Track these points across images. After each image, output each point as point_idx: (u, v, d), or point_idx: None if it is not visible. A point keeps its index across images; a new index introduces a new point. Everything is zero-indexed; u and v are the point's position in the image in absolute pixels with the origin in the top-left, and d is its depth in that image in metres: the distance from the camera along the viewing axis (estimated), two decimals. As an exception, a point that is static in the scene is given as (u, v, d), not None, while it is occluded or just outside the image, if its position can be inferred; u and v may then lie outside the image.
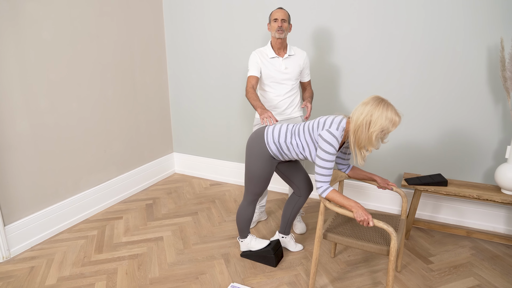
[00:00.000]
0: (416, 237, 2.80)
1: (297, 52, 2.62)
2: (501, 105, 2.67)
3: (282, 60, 2.56)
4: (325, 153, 1.93)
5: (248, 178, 2.29)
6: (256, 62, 2.56)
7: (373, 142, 1.87)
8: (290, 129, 2.15)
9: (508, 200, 2.47)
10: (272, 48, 2.57)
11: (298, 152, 2.13)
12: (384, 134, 1.87)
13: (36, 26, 2.54)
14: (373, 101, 1.87)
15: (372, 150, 1.96)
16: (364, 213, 1.86)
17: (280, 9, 2.51)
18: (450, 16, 2.66)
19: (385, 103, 1.86)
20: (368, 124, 1.85)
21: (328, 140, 1.92)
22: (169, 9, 3.64)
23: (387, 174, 3.15)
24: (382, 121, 1.83)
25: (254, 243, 2.48)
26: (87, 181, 3.09)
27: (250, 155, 2.24)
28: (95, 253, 2.60)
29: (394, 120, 1.84)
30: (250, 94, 2.46)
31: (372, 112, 1.84)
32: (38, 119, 2.63)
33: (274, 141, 2.16)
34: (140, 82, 3.50)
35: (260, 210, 2.99)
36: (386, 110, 1.84)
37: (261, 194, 2.35)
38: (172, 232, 2.89)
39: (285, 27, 2.48)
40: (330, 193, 1.95)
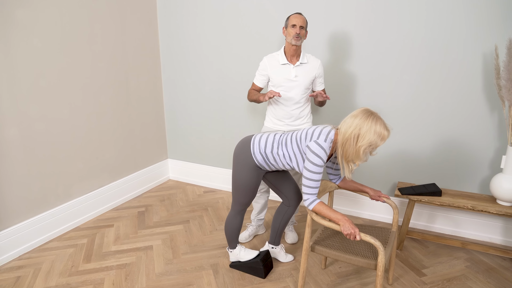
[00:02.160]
0: (410, 248, 2.75)
1: (310, 60, 2.53)
2: (497, 114, 2.62)
3: (293, 68, 2.48)
4: (313, 165, 1.89)
5: (234, 187, 2.25)
6: (264, 70, 2.54)
7: (361, 156, 1.83)
8: (277, 139, 2.11)
9: (504, 211, 2.42)
10: (285, 54, 2.50)
11: (285, 162, 2.09)
12: (372, 148, 1.83)
13: (26, 33, 2.53)
14: (362, 114, 1.83)
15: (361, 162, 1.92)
16: (351, 226, 1.81)
17: (298, 14, 2.42)
18: (446, 23, 2.62)
19: (374, 116, 1.82)
20: (356, 137, 1.81)
21: (316, 151, 1.88)
22: (163, 15, 3.63)
23: (381, 183, 3.10)
24: (371, 136, 1.79)
25: (243, 253, 2.44)
26: (79, 188, 3.06)
27: (236, 164, 2.20)
28: (83, 262, 2.57)
29: (383, 134, 1.80)
30: (250, 94, 2.59)
31: (361, 125, 1.80)
32: (27, 126, 2.61)
33: (260, 151, 2.13)
34: (134, 88, 3.48)
35: (258, 224, 2.88)
36: (375, 124, 1.80)
37: (248, 204, 2.31)
38: (162, 241, 2.85)
39: (302, 34, 2.41)
40: (317, 205, 1.91)
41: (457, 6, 2.56)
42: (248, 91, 2.66)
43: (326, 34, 2.99)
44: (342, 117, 3.07)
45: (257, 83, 2.63)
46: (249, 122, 3.49)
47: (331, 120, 3.13)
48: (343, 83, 3.03)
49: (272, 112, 2.62)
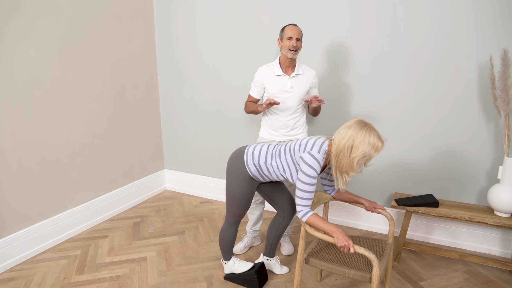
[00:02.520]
0: (407, 260, 2.71)
1: (305, 71, 2.52)
2: (493, 124, 2.60)
3: (289, 79, 2.47)
4: (307, 176, 1.87)
5: (228, 199, 2.23)
6: (260, 82, 2.53)
7: (354, 167, 1.81)
8: (271, 150, 2.10)
9: (501, 222, 2.39)
10: (280, 65, 2.49)
11: (279, 173, 2.07)
12: (366, 159, 1.82)
13: (22, 43, 2.53)
14: (356, 125, 1.82)
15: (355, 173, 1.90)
16: (345, 238, 1.79)
17: (294, 26, 2.40)
18: (442, 34, 2.62)
19: (368, 127, 1.81)
20: (350, 148, 1.79)
21: (309, 163, 1.86)
22: (160, 25, 3.65)
23: (378, 194, 3.07)
24: (364, 147, 1.77)
25: (238, 265, 2.41)
26: (73, 199, 3.04)
27: (230, 176, 2.18)
28: (76, 274, 2.54)
29: (377, 145, 1.79)
30: (247, 106, 2.59)
31: (355, 136, 1.79)
32: (22, 136, 2.60)
33: (253, 162, 2.11)
34: (131, 98, 3.48)
35: (253, 235, 2.84)
36: (369, 135, 1.78)
37: (242, 215, 2.28)
38: (157, 252, 2.82)
39: (299, 46, 2.40)
40: (311, 217, 1.89)
41: (452, 17, 2.57)
42: (245, 103, 2.64)
43: (322, 45, 3.00)
44: (338, 128, 3.06)
45: (253, 94, 2.62)
46: (246, 133, 3.48)
47: (326, 131, 3.12)
48: (338, 94, 3.03)
49: (267, 122, 2.61)
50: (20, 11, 2.50)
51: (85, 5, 2.93)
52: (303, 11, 3.00)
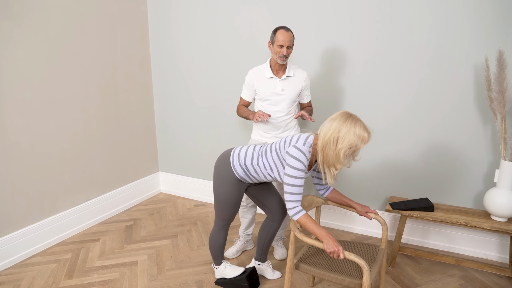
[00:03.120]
0: (403, 265, 2.66)
1: (296, 73, 2.48)
2: (490, 126, 2.55)
3: (279, 81, 2.44)
4: (293, 169, 1.83)
5: (216, 202, 2.19)
6: (251, 85, 2.51)
7: (341, 159, 1.78)
8: (257, 150, 2.07)
9: (498, 227, 2.34)
10: (270, 67, 2.46)
11: (266, 173, 2.03)
12: (353, 151, 1.78)
13: (11, 45, 2.50)
14: (340, 117, 1.79)
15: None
16: (335, 244, 1.74)
17: (286, 31, 2.31)
18: (437, 36, 2.58)
19: (353, 118, 1.78)
20: (335, 140, 1.76)
21: (295, 155, 1.82)
22: (155, 27, 3.61)
23: (373, 197, 3.02)
24: (350, 137, 1.74)
25: (229, 270, 2.37)
26: (65, 202, 3.00)
27: (217, 179, 2.14)
28: (65, 278, 2.50)
29: (363, 136, 1.75)
30: (239, 110, 2.57)
31: (340, 128, 1.76)
32: (11, 138, 2.57)
33: (240, 164, 2.07)
34: (124, 100, 3.45)
35: (246, 239, 2.80)
36: (354, 126, 1.75)
37: (231, 219, 2.24)
38: (148, 256, 2.78)
39: (289, 53, 2.36)
40: (303, 217, 1.84)
41: (447, 19, 2.52)
42: (237, 106, 2.62)
43: (317, 48, 2.96)
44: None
45: (245, 97, 2.60)
46: (239, 136, 3.44)
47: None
48: (333, 96, 2.99)
49: (259, 125, 2.58)
50: (9, 12, 2.47)
51: (77, 6, 2.90)
52: (296, 17, 2.96)
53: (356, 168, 3.03)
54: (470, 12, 2.46)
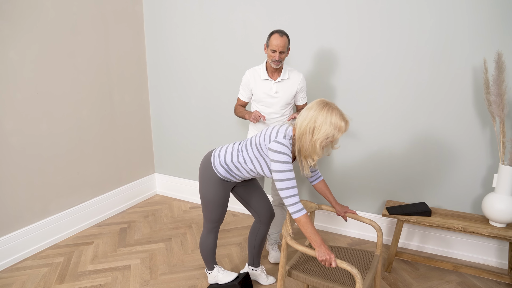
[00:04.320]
0: (399, 270, 2.61)
1: (292, 75, 2.46)
2: (489, 130, 2.50)
3: (274, 84, 2.43)
4: (280, 164, 1.77)
5: (204, 205, 2.16)
6: (247, 85, 2.51)
7: (318, 150, 1.74)
8: (236, 147, 2.03)
9: (496, 233, 2.29)
10: (266, 69, 2.45)
11: (248, 169, 1.99)
12: (330, 141, 1.74)
13: (2, 46, 2.47)
14: (316, 106, 1.74)
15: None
16: (327, 252, 1.70)
17: (280, 36, 2.29)
18: (435, 38, 2.53)
19: (330, 107, 1.72)
20: (311, 131, 1.72)
21: (278, 149, 1.77)
22: (150, 26, 3.57)
23: (369, 201, 2.98)
24: (327, 127, 1.69)
25: (222, 276, 2.33)
26: (57, 204, 2.97)
27: (201, 181, 2.12)
28: (56, 283, 2.46)
29: (340, 125, 1.70)
30: (236, 110, 2.59)
31: (316, 117, 1.71)
32: (2, 140, 2.53)
33: (221, 163, 2.04)
34: (119, 101, 3.41)
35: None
36: (331, 115, 1.70)
37: (220, 221, 2.21)
38: (141, 260, 2.74)
39: (283, 58, 2.34)
40: (303, 217, 1.76)
41: (445, 20, 2.47)
42: (235, 106, 2.62)
43: (314, 48, 2.91)
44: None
45: (242, 97, 2.59)
46: (236, 137, 3.40)
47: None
48: (330, 98, 2.94)
49: (254, 125, 2.59)
50: (0, 13, 2.43)
51: (69, 6, 2.86)
52: (293, 18, 2.91)
53: (353, 171, 2.98)
54: (468, 13, 2.40)
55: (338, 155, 3.00)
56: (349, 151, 2.96)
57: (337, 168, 3.03)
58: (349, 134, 2.93)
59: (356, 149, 2.93)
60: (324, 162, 3.06)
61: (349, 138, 2.93)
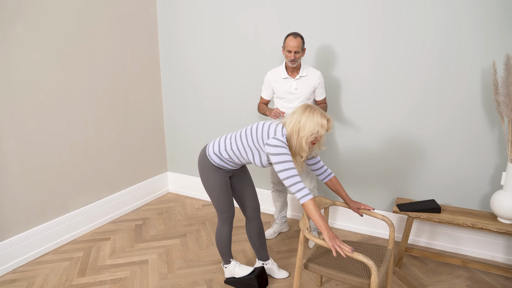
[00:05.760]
0: (409, 265, 2.69)
1: (309, 72, 2.67)
2: (497, 129, 2.57)
3: (293, 81, 2.65)
4: (280, 155, 1.93)
5: (209, 196, 2.29)
6: (268, 85, 2.74)
7: (304, 146, 1.93)
8: (229, 137, 2.19)
9: (504, 229, 2.36)
10: (286, 69, 2.68)
11: (240, 156, 2.14)
12: (315, 137, 1.93)
13: (26, 47, 2.56)
14: (299, 109, 1.96)
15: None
16: (333, 235, 1.84)
17: (294, 37, 2.50)
18: (444, 39, 2.60)
19: (311, 108, 1.93)
20: (297, 131, 1.93)
21: (276, 144, 1.95)
22: (164, 28, 3.66)
23: (380, 199, 3.05)
24: (310, 125, 1.90)
25: (238, 269, 2.41)
26: (76, 201, 3.06)
27: (201, 172, 2.26)
28: (78, 276, 2.55)
29: (322, 123, 1.90)
30: (259, 107, 2.83)
31: (299, 118, 1.92)
32: (25, 139, 2.63)
33: (214, 152, 2.19)
34: (133, 101, 3.50)
35: (281, 221, 3.10)
36: (313, 115, 1.91)
37: (230, 211, 2.31)
38: (158, 255, 2.83)
39: (297, 57, 2.54)
40: (310, 201, 1.90)
41: (454, 22, 2.54)
42: (258, 104, 2.87)
43: (321, 50, 2.99)
44: (341, 130, 3.05)
45: (264, 96, 2.83)
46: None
47: (352, 132, 3.11)
48: (337, 99, 3.01)
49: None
50: (24, 15, 2.53)
51: (88, 9, 2.96)
52: (301, 19, 2.99)
53: (364, 170, 3.06)
54: (477, 15, 2.47)
55: (349, 154, 3.08)
56: (360, 150, 3.04)
57: (348, 166, 3.11)
58: (361, 133, 3.00)
59: (366, 148, 3.01)
60: (336, 159, 3.14)
61: (360, 137, 3.01)
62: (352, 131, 3.04)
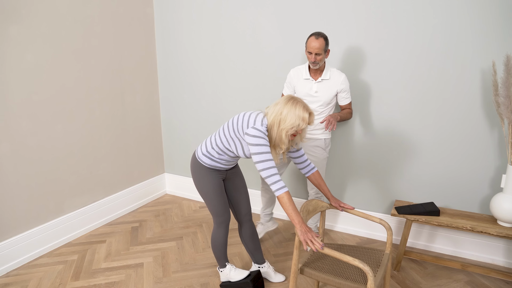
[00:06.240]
0: (408, 269, 2.65)
1: (333, 76, 2.55)
2: (497, 131, 2.54)
3: (314, 83, 2.55)
4: (259, 146, 1.92)
5: (204, 199, 2.27)
6: (290, 82, 2.68)
7: (283, 139, 1.92)
8: (214, 134, 2.19)
9: (504, 233, 2.32)
10: (308, 69, 2.58)
11: (226, 150, 2.13)
12: (295, 130, 1.91)
13: (20, 49, 2.53)
14: (282, 100, 1.94)
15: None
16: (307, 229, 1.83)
17: (316, 38, 2.39)
18: (443, 40, 2.56)
19: (294, 100, 1.91)
20: (278, 122, 1.91)
21: (256, 134, 1.93)
22: (161, 29, 3.63)
23: (378, 201, 3.02)
24: (291, 118, 1.87)
25: (234, 273, 2.38)
26: (71, 203, 3.03)
27: (193, 176, 2.25)
28: (72, 280, 2.52)
29: (303, 116, 1.88)
30: None
31: (281, 110, 1.90)
32: (19, 141, 2.60)
33: (203, 153, 2.18)
34: (130, 102, 3.47)
35: (265, 219, 2.93)
36: (295, 107, 1.88)
37: (225, 214, 2.27)
38: (154, 258, 2.80)
39: (319, 59, 2.44)
40: (285, 194, 1.91)
41: (454, 22, 2.51)
42: None
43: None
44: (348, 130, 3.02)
45: (286, 93, 2.74)
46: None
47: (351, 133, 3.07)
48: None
49: None
50: (17, 16, 2.50)
51: (84, 10, 2.93)
52: (301, 19, 2.96)
53: (362, 172, 3.02)
54: (477, 15, 2.44)
55: (347, 155, 3.05)
56: (358, 152, 3.00)
57: (346, 167, 3.08)
58: (359, 135, 2.97)
59: (365, 149, 2.97)
60: (334, 162, 3.10)
61: (359, 138, 2.98)
62: (349, 132, 3.00)
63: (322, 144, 2.67)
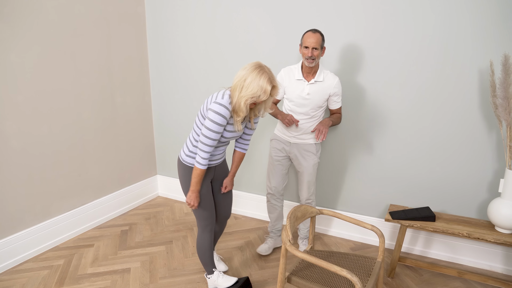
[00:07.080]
0: (402, 276, 2.57)
1: (327, 78, 2.44)
2: (495, 133, 2.45)
3: (307, 85, 2.43)
4: (214, 124, 1.90)
5: None
6: (280, 83, 2.48)
7: (242, 107, 1.88)
8: (191, 133, 2.14)
9: (502, 239, 2.23)
10: (301, 69, 2.46)
11: None
12: (255, 100, 1.87)
13: (3, 48, 2.46)
14: (249, 66, 1.87)
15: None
16: (196, 199, 2.07)
17: (313, 33, 2.30)
18: (441, 39, 2.48)
19: (261, 69, 1.85)
20: (241, 88, 1.86)
21: (217, 110, 1.89)
22: (153, 28, 3.55)
23: (372, 205, 2.93)
24: (253, 87, 1.83)
25: (221, 280, 2.30)
26: (59, 206, 2.96)
27: (180, 180, 2.21)
28: (56, 286, 2.45)
29: (265, 88, 1.83)
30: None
31: (246, 77, 1.85)
32: (2, 142, 2.53)
33: (186, 154, 2.14)
34: (120, 103, 3.40)
35: (276, 235, 2.86)
36: (260, 77, 1.83)
37: (211, 218, 2.22)
38: (142, 263, 2.72)
39: (316, 55, 2.31)
40: (201, 170, 2.01)
41: (451, 20, 2.42)
42: None
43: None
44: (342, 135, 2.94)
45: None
46: (238, 139, 3.37)
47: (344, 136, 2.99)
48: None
49: (282, 125, 2.61)
50: (1, 15, 2.42)
51: (71, 8, 2.85)
52: (296, 19, 2.88)
53: (356, 175, 2.94)
54: (475, 14, 2.35)
55: (342, 159, 2.96)
56: (352, 155, 2.92)
57: (340, 171, 2.99)
58: (353, 138, 2.89)
59: (359, 153, 2.89)
60: (328, 165, 3.02)
61: (353, 142, 2.89)
62: (343, 135, 2.92)
63: (313, 149, 2.58)
